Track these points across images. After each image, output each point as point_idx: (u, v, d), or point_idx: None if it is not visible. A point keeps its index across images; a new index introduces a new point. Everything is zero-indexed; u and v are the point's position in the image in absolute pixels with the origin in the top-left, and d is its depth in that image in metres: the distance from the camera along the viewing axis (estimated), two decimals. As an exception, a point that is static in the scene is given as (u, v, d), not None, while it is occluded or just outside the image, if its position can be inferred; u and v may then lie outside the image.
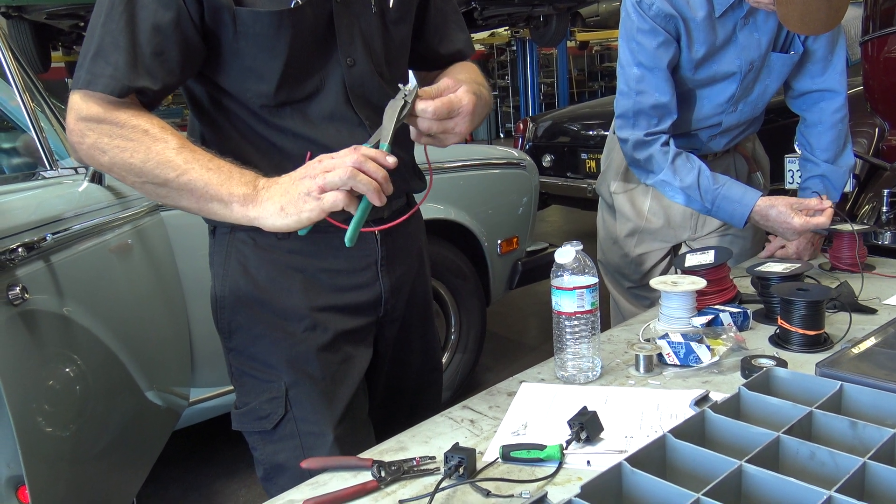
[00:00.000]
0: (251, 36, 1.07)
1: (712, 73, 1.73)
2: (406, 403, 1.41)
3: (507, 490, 0.92)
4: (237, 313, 1.22)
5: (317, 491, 0.96)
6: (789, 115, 1.93)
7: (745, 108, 1.81)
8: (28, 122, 1.94)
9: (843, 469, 0.78)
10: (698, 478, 0.81)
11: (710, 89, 1.77)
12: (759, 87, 1.78)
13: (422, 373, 1.42)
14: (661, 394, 1.17)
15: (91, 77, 1.01)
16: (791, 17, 1.46)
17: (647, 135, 1.70)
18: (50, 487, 1.46)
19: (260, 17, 1.06)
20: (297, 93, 1.13)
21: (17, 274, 1.42)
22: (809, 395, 0.96)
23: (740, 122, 1.85)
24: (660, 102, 1.69)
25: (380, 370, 1.34)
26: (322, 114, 1.15)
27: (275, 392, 1.20)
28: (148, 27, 1.02)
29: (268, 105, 1.13)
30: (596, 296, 1.20)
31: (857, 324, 1.38)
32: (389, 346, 1.33)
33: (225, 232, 1.22)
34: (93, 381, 1.69)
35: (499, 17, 7.20)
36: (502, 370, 3.46)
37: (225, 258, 1.22)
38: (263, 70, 1.10)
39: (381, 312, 1.28)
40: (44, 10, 5.36)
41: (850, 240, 1.74)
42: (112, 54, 1.01)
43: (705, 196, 1.70)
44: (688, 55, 1.69)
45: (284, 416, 1.19)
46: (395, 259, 1.28)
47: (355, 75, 1.16)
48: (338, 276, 1.22)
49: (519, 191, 3.26)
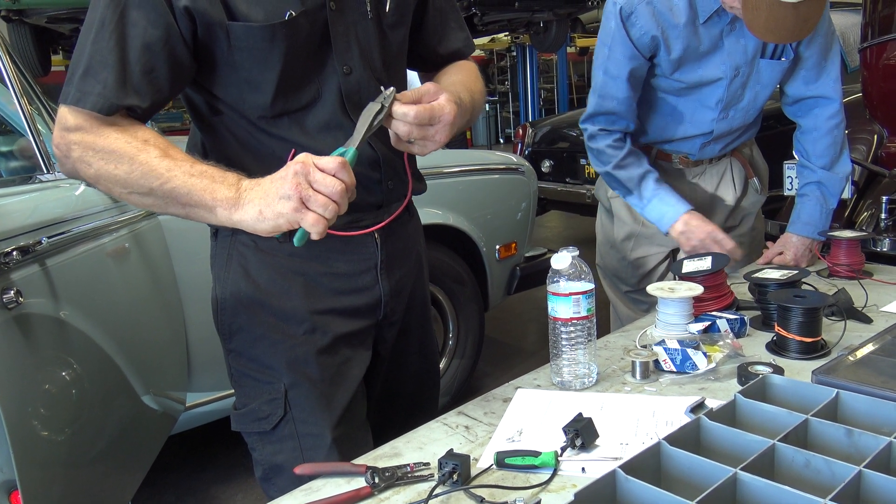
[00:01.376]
0: (245, 49, 1.07)
1: (698, 78, 1.74)
2: (403, 406, 1.41)
3: (501, 497, 0.92)
4: (238, 315, 1.22)
5: (310, 497, 0.96)
6: (788, 122, 1.93)
7: (736, 114, 1.82)
8: (26, 126, 1.94)
9: (838, 477, 0.77)
10: (693, 485, 0.80)
11: (697, 93, 1.78)
12: (749, 94, 1.79)
13: (420, 375, 1.42)
14: (657, 400, 1.16)
15: (80, 94, 1.01)
16: (756, 24, 1.48)
17: (601, 129, 1.82)
18: (44, 493, 1.45)
19: (253, 32, 1.06)
20: (294, 103, 1.14)
21: (12, 277, 1.42)
22: (805, 403, 0.96)
23: (732, 129, 1.85)
24: (616, 109, 1.78)
25: (378, 373, 1.34)
26: (319, 123, 1.15)
27: (274, 393, 1.20)
28: (138, 45, 1.02)
29: (265, 116, 1.13)
30: (592, 302, 1.20)
31: (854, 331, 1.37)
32: (388, 349, 1.34)
33: (227, 235, 1.22)
34: (88, 386, 1.69)
35: (499, 22, 7.21)
36: (500, 376, 3.46)
37: (226, 261, 1.22)
38: (259, 81, 1.10)
39: (380, 315, 1.28)
40: (44, 13, 5.37)
41: (848, 246, 1.74)
42: (101, 72, 1.01)
43: (644, 192, 1.79)
44: (666, 57, 1.71)
45: (284, 417, 1.20)
46: (394, 262, 1.28)
47: (352, 83, 1.16)
48: (338, 280, 1.23)
49: (517, 196, 3.26)
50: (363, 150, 1.13)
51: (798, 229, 1.85)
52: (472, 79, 1.28)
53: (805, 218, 1.85)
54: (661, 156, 1.91)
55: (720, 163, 1.93)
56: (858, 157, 3.07)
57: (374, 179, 1.22)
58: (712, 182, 1.94)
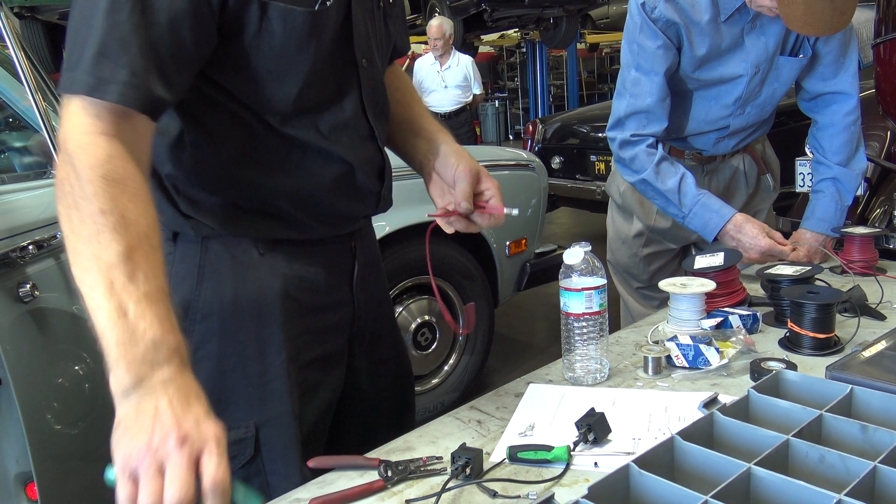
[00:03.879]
0: (279, 35, 0.95)
1: (718, 76, 1.73)
2: (386, 414, 1.34)
3: (513, 491, 0.92)
4: (206, 343, 1.06)
5: (323, 490, 0.96)
6: (800, 118, 1.93)
7: (752, 110, 1.81)
8: (40, 122, 1.95)
9: (853, 473, 0.77)
10: (706, 480, 0.80)
11: (716, 90, 1.77)
12: (766, 90, 1.78)
13: (398, 380, 1.35)
14: (670, 396, 1.16)
15: (96, 82, 0.82)
16: (794, 18, 1.47)
17: (633, 136, 1.74)
18: (58, 485, 1.46)
19: (293, 15, 0.95)
20: (316, 98, 1.04)
21: (28, 272, 1.43)
22: (819, 399, 0.95)
23: (748, 125, 1.84)
24: (651, 107, 1.72)
25: (358, 386, 1.27)
26: (335, 122, 1.07)
27: (242, 433, 1.07)
28: (164, 20, 0.85)
29: (283, 111, 1.01)
30: (604, 297, 1.20)
31: (867, 327, 1.37)
32: (363, 361, 1.26)
33: (192, 241, 1.06)
34: (102, 380, 1.69)
35: (509, 18, 7.22)
36: (510, 372, 3.46)
37: (197, 276, 1.06)
38: (286, 73, 0.99)
39: (354, 328, 1.22)
40: (56, 10, 5.41)
41: (862, 243, 1.73)
42: (123, 54, 0.83)
43: (684, 201, 1.72)
44: (690, 54, 1.70)
45: (253, 458, 1.08)
46: (367, 272, 1.23)
47: (369, 76, 1.10)
48: (315, 295, 1.13)
49: (527, 192, 3.25)
50: (373, 157, 1.12)
51: (812, 225, 1.84)
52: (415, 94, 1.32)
53: (820, 214, 1.84)
54: (673, 152, 1.90)
55: (733, 159, 1.93)
56: (871, 153, 3.05)
57: (374, 190, 1.15)
58: (724, 178, 1.93)
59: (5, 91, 2.32)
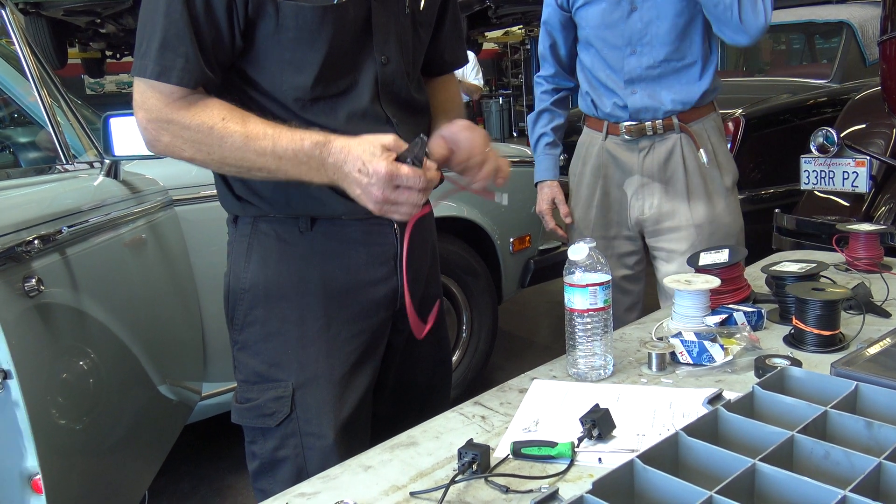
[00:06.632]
0: (293, 29, 1.10)
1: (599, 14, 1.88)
2: (417, 396, 1.41)
3: (517, 486, 0.92)
4: (254, 308, 1.22)
5: (328, 484, 0.96)
6: (803, 116, 1.91)
7: (643, 49, 1.86)
8: (45, 118, 1.96)
9: (858, 469, 0.77)
10: (711, 476, 0.80)
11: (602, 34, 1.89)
12: (649, 27, 1.84)
13: (433, 365, 1.42)
14: (674, 392, 1.16)
15: (161, 68, 1.05)
16: None
17: (537, 77, 2.15)
18: (63, 480, 1.47)
19: (304, 12, 1.09)
20: (333, 87, 1.16)
21: (33, 266, 1.44)
22: (824, 395, 0.95)
23: (649, 68, 1.87)
24: (542, 52, 2.10)
25: (392, 363, 1.34)
26: (352, 111, 1.17)
27: (281, 391, 1.20)
28: (207, 17, 1.07)
29: (302, 98, 1.14)
30: (609, 293, 1.20)
31: (872, 325, 1.37)
32: (402, 340, 1.34)
33: (247, 222, 1.23)
34: (106, 375, 1.70)
35: (513, 15, 7.19)
36: (514, 369, 3.44)
37: (246, 251, 1.22)
38: (302, 63, 1.12)
39: (396, 306, 1.28)
40: (61, 6, 5.40)
41: (867, 240, 1.72)
42: (179, 45, 1.05)
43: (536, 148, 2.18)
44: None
45: (289, 415, 1.19)
46: (412, 253, 1.27)
47: (388, 73, 1.19)
48: (356, 272, 1.23)
49: (532, 189, 3.23)
50: None
51: None
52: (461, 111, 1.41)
53: None
54: (611, 129, 1.97)
55: (668, 139, 1.92)
56: (876, 150, 3.04)
57: None
58: (659, 158, 1.93)
59: (11, 87, 2.32)
